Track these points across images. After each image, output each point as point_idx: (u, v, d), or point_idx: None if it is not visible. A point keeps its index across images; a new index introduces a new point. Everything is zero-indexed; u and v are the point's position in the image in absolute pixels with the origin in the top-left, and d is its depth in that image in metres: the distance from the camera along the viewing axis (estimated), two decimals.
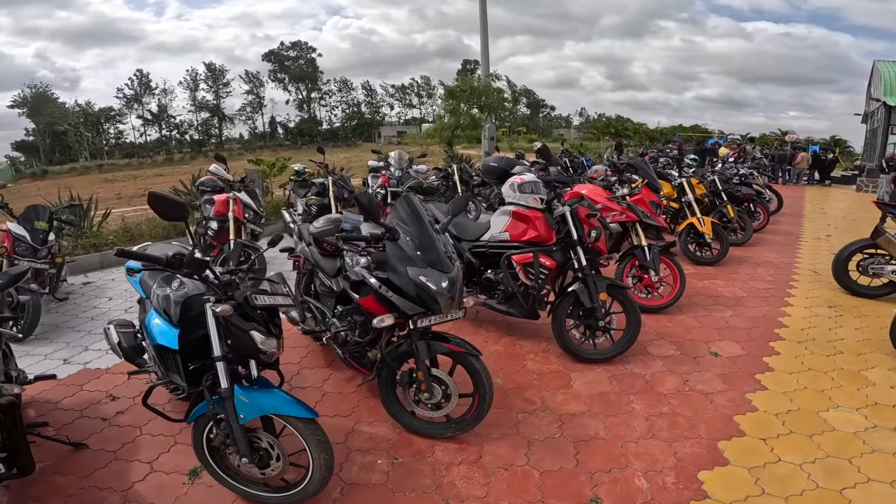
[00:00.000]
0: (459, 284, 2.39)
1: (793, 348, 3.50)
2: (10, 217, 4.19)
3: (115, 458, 2.48)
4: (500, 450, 2.47)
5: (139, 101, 56.03)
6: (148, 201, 1.98)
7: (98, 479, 2.33)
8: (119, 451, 2.53)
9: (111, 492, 2.26)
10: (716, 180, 6.30)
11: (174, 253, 2.02)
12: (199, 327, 2.06)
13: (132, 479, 2.34)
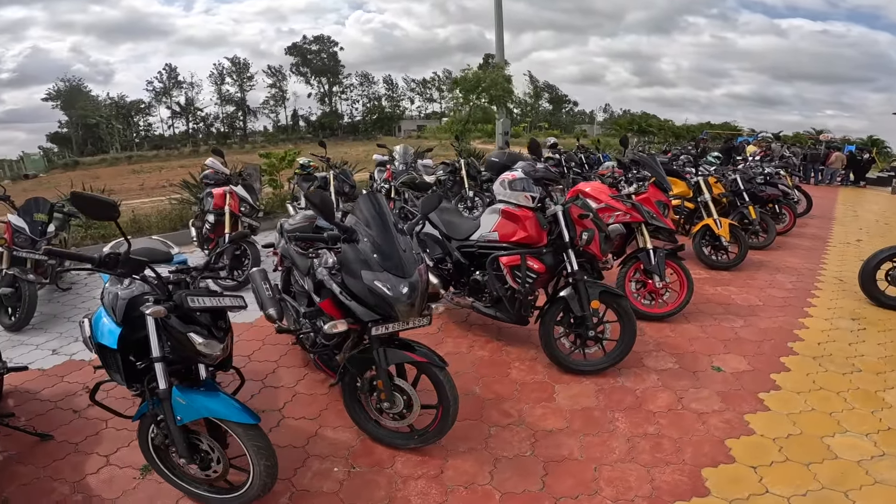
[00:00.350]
0: (421, 290, 2.23)
1: (805, 364, 3.20)
2: (11, 209, 4.24)
3: (76, 450, 2.48)
4: (465, 465, 2.31)
5: (168, 94, 57.69)
6: (72, 202, 1.90)
7: (54, 469, 2.34)
8: (81, 443, 2.53)
9: (62, 482, 2.26)
10: (737, 179, 5.91)
11: (108, 252, 1.94)
12: (142, 327, 1.99)
13: (86, 471, 2.33)
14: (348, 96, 65.62)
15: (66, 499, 2.16)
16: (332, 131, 58.58)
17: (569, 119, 67.97)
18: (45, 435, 2.57)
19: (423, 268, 2.31)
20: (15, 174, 29.63)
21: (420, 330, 3.64)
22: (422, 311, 2.27)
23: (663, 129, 29.80)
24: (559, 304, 3.11)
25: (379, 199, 2.42)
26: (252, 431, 1.97)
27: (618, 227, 4.14)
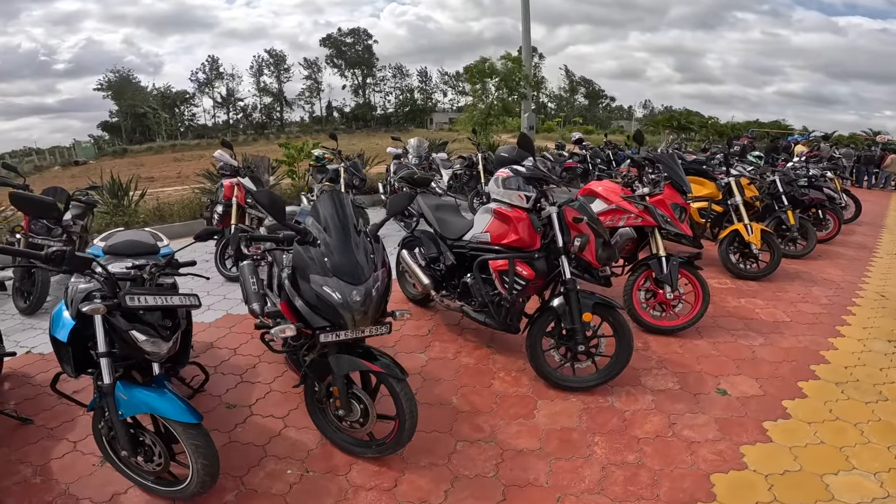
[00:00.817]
0: (376, 299, 2.09)
1: (826, 390, 2.86)
2: None
3: (49, 435, 2.52)
4: (421, 480, 2.18)
5: (210, 85, 59.86)
6: (11, 202, 1.90)
7: (24, 452, 2.38)
8: (56, 428, 2.56)
9: (27, 465, 2.30)
10: (776, 181, 5.42)
11: (55, 249, 1.92)
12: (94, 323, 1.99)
13: (52, 455, 2.36)
14: (381, 88, 66.29)
15: (26, 481, 2.20)
16: (364, 122, 59.38)
17: (605, 114, 66.02)
18: (25, 419, 2.62)
19: (383, 273, 2.17)
20: (66, 161, 31.66)
21: (409, 331, 3.62)
22: (376, 319, 2.13)
23: (705, 127, 28.22)
24: (549, 313, 2.90)
25: (341, 199, 2.30)
26: (192, 430, 1.95)
27: (628, 231, 3.86)
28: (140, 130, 51.14)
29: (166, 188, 10.60)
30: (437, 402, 2.77)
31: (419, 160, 6.19)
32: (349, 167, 5.57)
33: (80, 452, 2.36)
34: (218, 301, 4.25)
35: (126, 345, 2.00)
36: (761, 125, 32.10)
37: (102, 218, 6.29)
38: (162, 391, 2.00)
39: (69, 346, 2.07)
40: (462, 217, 3.65)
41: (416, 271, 3.67)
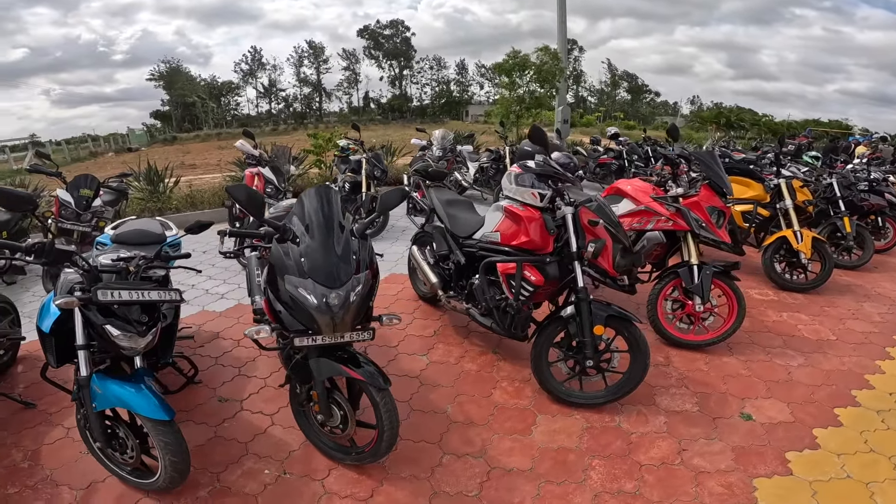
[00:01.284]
0: (356, 302, 1.96)
1: (864, 419, 2.52)
2: (62, 184, 4.57)
3: (47, 420, 2.55)
4: (398, 493, 2.06)
5: (253, 75, 61.66)
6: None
7: (20, 436, 2.42)
8: (54, 414, 2.60)
9: (19, 449, 2.33)
10: (833, 184, 4.90)
11: (34, 242, 1.91)
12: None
13: (44, 441, 2.39)
14: (418, 80, 66.51)
15: (15, 464, 2.23)
16: (401, 114, 59.84)
17: (649, 110, 63.47)
18: (28, 403, 2.67)
19: (366, 275, 2.04)
20: (120, 147, 33.41)
21: (415, 332, 3.49)
22: (355, 325, 2.01)
23: (758, 125, 26.40)
24: (558, 323, 2.69)
25: (328, 195, 2.18)
26: (162, 427, 1.91)
27: (656, 236, 3.56)
28: (189, 119, 53.51)
29: (205, 175, 10.93)
30: (431, 409, 2.63)
31: (443, 152, 6.03)
32: (371, 158, 5.49)
33: (71, 439, 2.39)
34: (232, 290, 4.28)
35: (102, 338, 1.98)
36: (819, 124, 29.89)
37: (139, 203, 6.51)
38: (139, 386, 1.96)
39: (52, 337, 2.06)
40: (475, 214, 3.46)
41: (425, 269, 3.53)
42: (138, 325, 1.98)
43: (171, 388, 2.61)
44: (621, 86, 67.10)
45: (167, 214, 6.34)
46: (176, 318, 2.49)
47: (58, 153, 26.38)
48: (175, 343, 2.70)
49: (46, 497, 2.04)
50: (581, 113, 35.11)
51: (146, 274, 2.25)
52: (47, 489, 2.08)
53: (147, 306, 2.07)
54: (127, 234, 2.80)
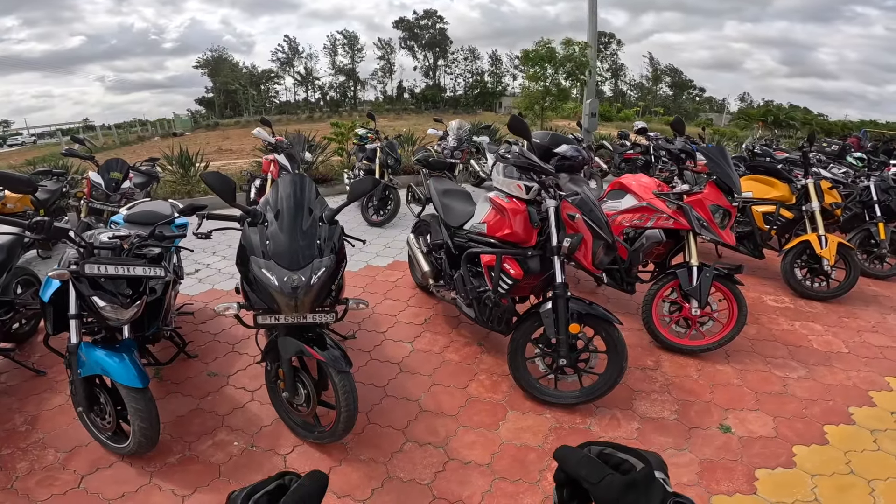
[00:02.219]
0: (317, 284, 2.01)
1: (854, 438, 2.37)
2: (94, 167, 4.87)
3: (52, 388, 2.72)
4: (353, 474, 2.12)
5: (290, 64, 62.79)
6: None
7: (25, 402, 2.60)
8: (60, 382, 2.76)
9: (22, 414, 2.50)
10: (871, 187, 4.55)
11: (37, 219, 2.06)
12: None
13: (45, 407, 2.56)
14: (452, 71, 66.29)
15: (15, 428, 2.39)
16: (434, 104, 59.80)
17: (693, 106, 60.51)
18: (39, 371, 2.85)
19: (329, 260, 2.08)
20: (166, 132, 34.96)
21: (406, 318, 3.53)
22: (314, 307, 2.06)
23: (809, 124, 24.69)
24: (535, 319, 2.66)
25: (302, 182, 2.24)
26: (135, 394, 2.04)
27: (655, 234, 3.43)
28: (231, 106, 55.43)
29: (239, 160, 11.34)
30: (405, 396, 2.68)
31: (458, 143, 5.99)
32: (385, 147, 5.55)
33: (69, 405, 2.48)
34: None
35: (92, 310, 2.13)
36: (878, 125, 27.72)
37: (171, 186, 6.85)
38: (121, 355, 2.09)
39: (50, 306, 2.23)
40: (469, 204, 3.45)
41: (419, 257, 3.57)
42: (123, 297, 2.11)
43: (165, 360, 2.77)
44: (663, 80, 64.51)
45: (195, 197, 6.66)
46: (164, 293, 2.63)
47: (108, 136, 28.07)
48: (173, 318, 2.87)
49: (33, 458, 2.19)
50: (619, 107, 33.94)
51: (140, 252, 2.40)
52: (36, 451, 2.23)
53: (133, 281, 2.19)
54: (137, 215, 2.98)
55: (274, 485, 0.53)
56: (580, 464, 0.50)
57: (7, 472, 2.11)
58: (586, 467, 0.50)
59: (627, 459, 0.51)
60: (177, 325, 2.99)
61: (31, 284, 3.35)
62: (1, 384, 2.75)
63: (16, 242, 3.04)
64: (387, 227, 5.56)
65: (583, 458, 0.51)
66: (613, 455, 0.52)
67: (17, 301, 3.04)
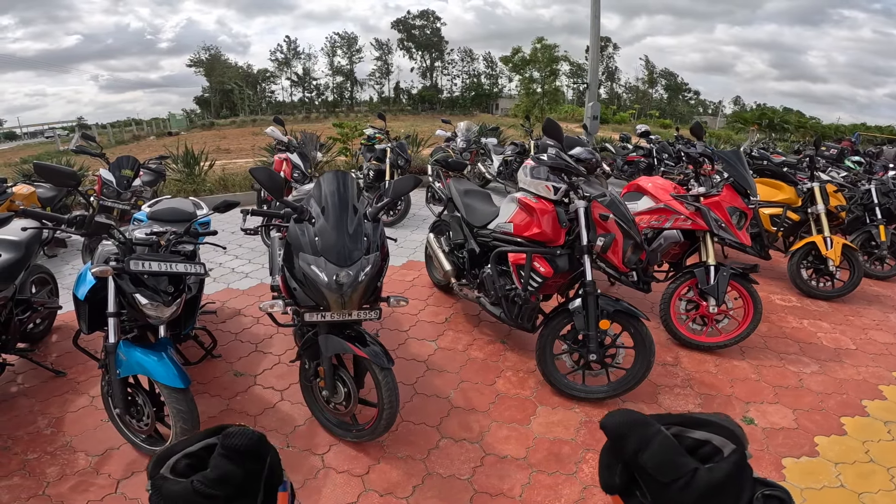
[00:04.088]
0: (365, 281, 2.05)
1: (870, 428, 2.46)
2: (105, 164, 4.84)
3: (74, 389, 2.69)
4: (393, 472, 2.14)
5: (288, 64, 62.52)
6: (35, 171, 2.07)
7: (47, 403, 2.55)
8: (82, 383, 2.74)
9: (45, 416, 2.46)
10: (872, 190, 4.69)
11: (76, 214, 2.06)
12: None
13: (69, 409, 2.53)
14: (449, 72, 66.35)
15: (39, 431, 2.35)
16: (430, 105, 59.96)
17: (687, 109, 61.37)
18: (59, 372, 2.80)
19: (376, 257, 2.12)
20: (161, 131, 34.64)
21: (427, 318, 3.57)
22: (362, 304, 2.09)
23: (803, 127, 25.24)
24: (564, 315, 2.72)
25: (345, 179, 2.27)
26: (177, 394, 2.03)
27: (674, 235, 3.51)
28: (226, 105, 54.98)
29: (238, 160, 11.27)
30: (434, 393, 2.71)
31: (467, 144, 6.05)
32: (395, 148, 5.58)
33: (94, 408, 2.51)
34: (256, 270, 4.45)
35: (131, 307, 2.13)
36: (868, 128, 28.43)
37: (175, 185, 6.80)
38: (160, 354, 2.08)
39: (86, 304, 2.22)
40: (491, 205, 3.51)
41: (440, 256, 3.61)
42: (165, 295, 2.12)
43: (192, 360, 2.76)
44: (658, 83, 65.32)
45: (201, 196, 6.62)
46: (200, 291, 2.64)
47: (103, 136, 27.64)
48: (197, 316, 2.86)
49: (63, 462, 2.16)
50: (614, 110, 34.34)
51: (175, 248, 2.41)
52: (65, 455, 2.20)
53: (173, 278, 2.20)
54: (161, 212, 2.97)
55: (200, 446, 0.43)
56: (655, 453, 0.37)
57: (37, 479, 2.06)
58: (660, 457, 0.37)
59: (709, 440, 0.38)
60: (201, 324, 2.99)
61: (45, 283, 3.32)
62: (19, 385, 2.71)
63: (34, 239, 3.00)
64: (397, 227, 5.59)
65: (660, 442, 0.37)
66: (684, 435, 0.39)
67: (34, 300, 3.01)
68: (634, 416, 0.39)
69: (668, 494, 0.36)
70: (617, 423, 0.39)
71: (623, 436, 0.38)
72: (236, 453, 0.41)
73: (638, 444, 0.37)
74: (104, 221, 2.14)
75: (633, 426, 0.38)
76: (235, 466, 0.40)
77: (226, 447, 0.41)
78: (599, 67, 11.11)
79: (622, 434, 0.39)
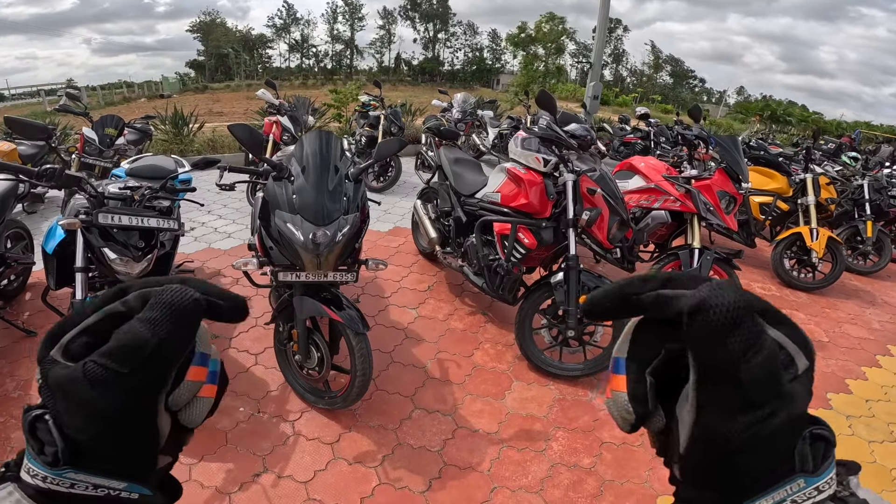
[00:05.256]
0: (342, 241, 1.99)
1: (832, 423, 2.44)
2: (88, 123, 4.67)
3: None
4: (363, 441, 2.14)
5: (287, 30, 60.61)
6: (6, 125, 1.97)
7: (16, 365, 2.46)
8: None
9: (13, 378, 2.37)
10: (864, 185, 4.68)
11: (47, 167, 1.97)
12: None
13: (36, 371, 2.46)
14: (451, 44, 64.91)
15: (7, 394, 2.27)
16: (431, 76, 58.80)
17: (691, 96, 60.90)
18: (30, 332, 2.70)
19: (354, 218, 2.06)
20: (153, 94, 33.73)
21: (409, 285, 3.54)
22: (338, 265, 2.04)
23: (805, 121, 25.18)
24: (545, 289, 2.70)
25: (328, 138, 2.19)
26: None
27: (661, 215, 3.48)
28: (222, 70, 53.48)
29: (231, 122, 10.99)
30: (411, 363, 2.70)
31: (462, 115, 5.92)
32: (389, 115, 5.45)
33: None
34: (240, 230, 4.37)
35: (100, 263, 2.06)
36: (872, 127, 28.47)
37: (162, 145, 6.62)
38: None
39: (54, 259, 2.15)
40: (480, 174, 3.44)
41: (426, 223, 3.57)
42: (135, 250, 2.05)
43: None
44: (664, 69, 64.48)
45: (188, 156, 6.46)
46: (174, 248, 2.57)
47: (92, 97, 26.88)
48: (172, 274, 2.80)
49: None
50: (617, 92, 33.83)
51: (150, 204, 2.32)
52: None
53: (145, 234, 2.13)
54: (141, 168, 2.87)
55: (102, 315, 0.31)
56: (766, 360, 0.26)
57: (1, 443, 2.00)
58: (770, 367, 0.27)
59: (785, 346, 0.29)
60: None
61: (21, 238, 3.22)
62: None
63: (9, 193, 2.89)
64: (386, 193, 5.50)
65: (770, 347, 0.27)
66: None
67: (8, 255, 2.92)
68: (746, 297, 0.27)
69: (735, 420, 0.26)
70: (731, 305, 0.26)
71: (736, 325, 0.26)
72: (169, 314, 0.29)
73: (747, 341, 0.25)
74: (74, 174, 2.04)
75: (746, 314, 0.26)
76: (151, 335, 0.29)
77: (155, 306, 0.29)
78: (606, 48, 10.88)
79: (735, 322, 0.26)
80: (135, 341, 0.29)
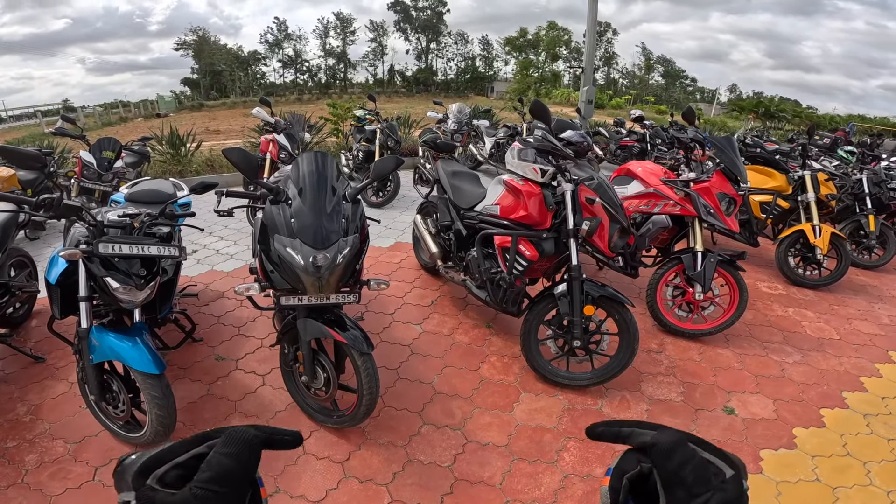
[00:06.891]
0: (342, 263, 2.00)
1: (849, 421, 2.48)
2: (85, 146, 4.71)
3: (53, 375, 2.62)
4: (373, 458, 2.13)
5: (279, 46, 61.20)
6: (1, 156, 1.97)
7: (26, 390, 2.49)
8: (62, 368, 2.67)
9: (23, 403, 2.40)
10: (863, 180, 4.67)
11: (45, 197, 1.98)
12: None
13: (48, 395, 2.47)
14: (444, 54, 65.15)
15: (18, 418, 2.30)
16: (425, 87, 59.13)
17: (684, 96, 61.16)
18: (38, 357, 2.73)
19: (354, 239, 2.07)
20: (149, 113, 33.93)
21: (412, 300, 3.54)
22: (340, 287, 2.04)
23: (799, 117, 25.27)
24: (549, 300, 2.69)
25: (324, 159, 2.20)
26: (151, 380, 1.98)
27: (662, 220, 3.49)
28: (217, 87, 53.89)
29: (228, 141, 11.09)
30: (418, 378, 2.69)
31: (459, 126, 5.96)
32: (385, 129, 5.48)
33: (73, 394, 2.44)
34: (241, 251, 4.39)
35: (103, 291, 2.06)
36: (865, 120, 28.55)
37: (160, 166, 6.66)
38: (134, 340, 2.02)
39: (58, 288, 2.15)
40: (478, 187, 3.45)
41: (426, 238, 3.58)
42: (137, 278, 2.05)
43: (172, 344, 2.72)
44: (656, 70, 64.90)
45: (187, 177, 6.50)
46: (176, 274, 2.57)
47: (89, 118, 27.10)
48: (174, 298, 2.80)
49: (41, 450, 2.12)
50: (610, 95, 33.94)
51: (151, 230, 2.33)
52: (43, 442, 2.15)
53: (147, 261, 2.14)
54: (139, 193, 2.88)
55: (189, 455, 0.41)
56: (696, 467, 0.41)
57: (16, 466, 2.02)
58: (700, 471, 0.41)
59: (713, 462, 0.42)
60: (182, 307, 2.94)
61: (24, 266, 3.24)
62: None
63: (10, 221, 2.92)
64: (386, 208, 5.52)
65: (699, 459, 0.41)
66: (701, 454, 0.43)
67: (12, 284, 2.94)
68: (681, 435, 0.43)
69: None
70: (673, 442, 0.43)
71: (671, 451, 0.42)
72: (242, 447, 0.42)
73: (682, 458, 0.41)
74: (73, 204, 2.04)
75: (681, 444, 0.42)
76: (234, 463, 0.41)
77: (229, 442, 0.42)
78: (597, 52, 10.96)
79: (671, 450, 0.42)
80: (223, 468, 0.40)
